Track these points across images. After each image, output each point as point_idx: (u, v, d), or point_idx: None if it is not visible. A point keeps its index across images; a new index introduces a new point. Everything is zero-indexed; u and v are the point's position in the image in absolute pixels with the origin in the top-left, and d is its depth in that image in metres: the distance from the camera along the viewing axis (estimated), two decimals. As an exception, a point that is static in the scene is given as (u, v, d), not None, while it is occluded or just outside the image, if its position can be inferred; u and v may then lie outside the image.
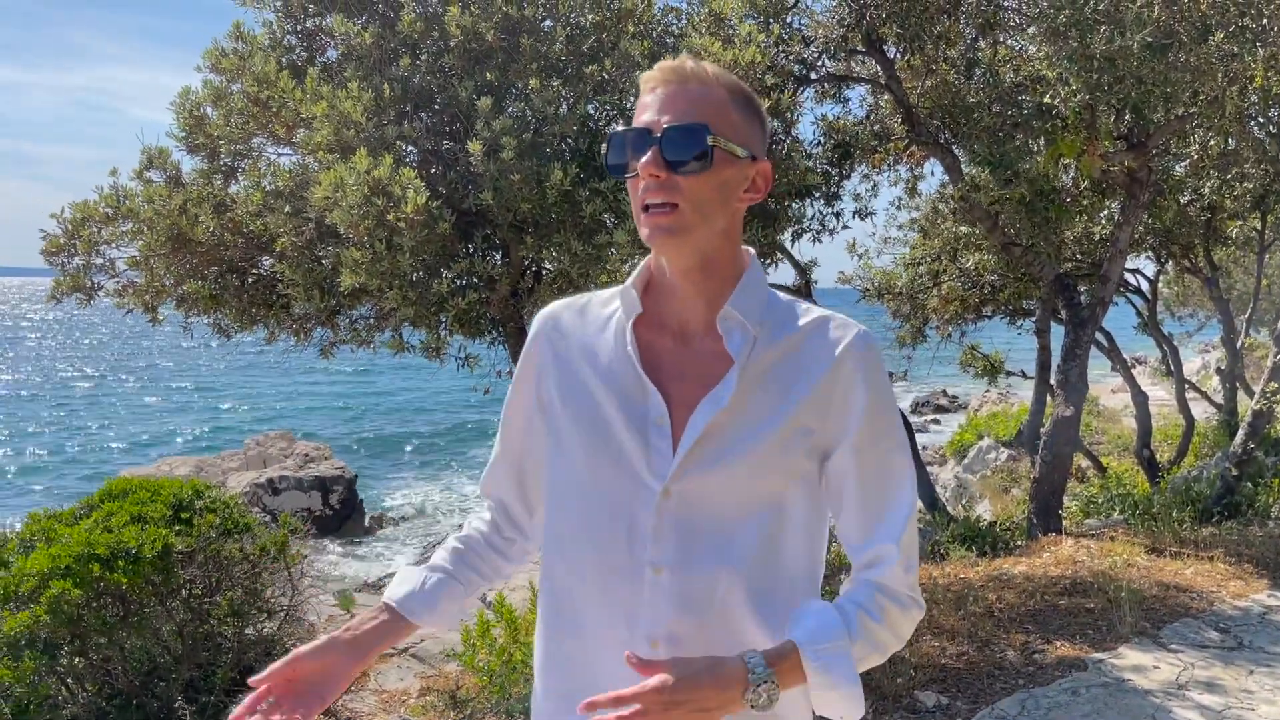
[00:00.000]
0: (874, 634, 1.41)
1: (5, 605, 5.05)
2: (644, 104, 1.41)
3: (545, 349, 1.57)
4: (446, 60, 4.60)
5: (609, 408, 1.47)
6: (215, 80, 4.74)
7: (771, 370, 1.44)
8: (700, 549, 1.41)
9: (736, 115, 1.42)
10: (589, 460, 1.47)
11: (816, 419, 1.43)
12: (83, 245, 4.91)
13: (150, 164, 5.05)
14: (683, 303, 1.47)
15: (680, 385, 1.46)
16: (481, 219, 4.58)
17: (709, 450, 1.41)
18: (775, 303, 1.49)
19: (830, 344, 1.44)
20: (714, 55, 4.55)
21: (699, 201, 1.38)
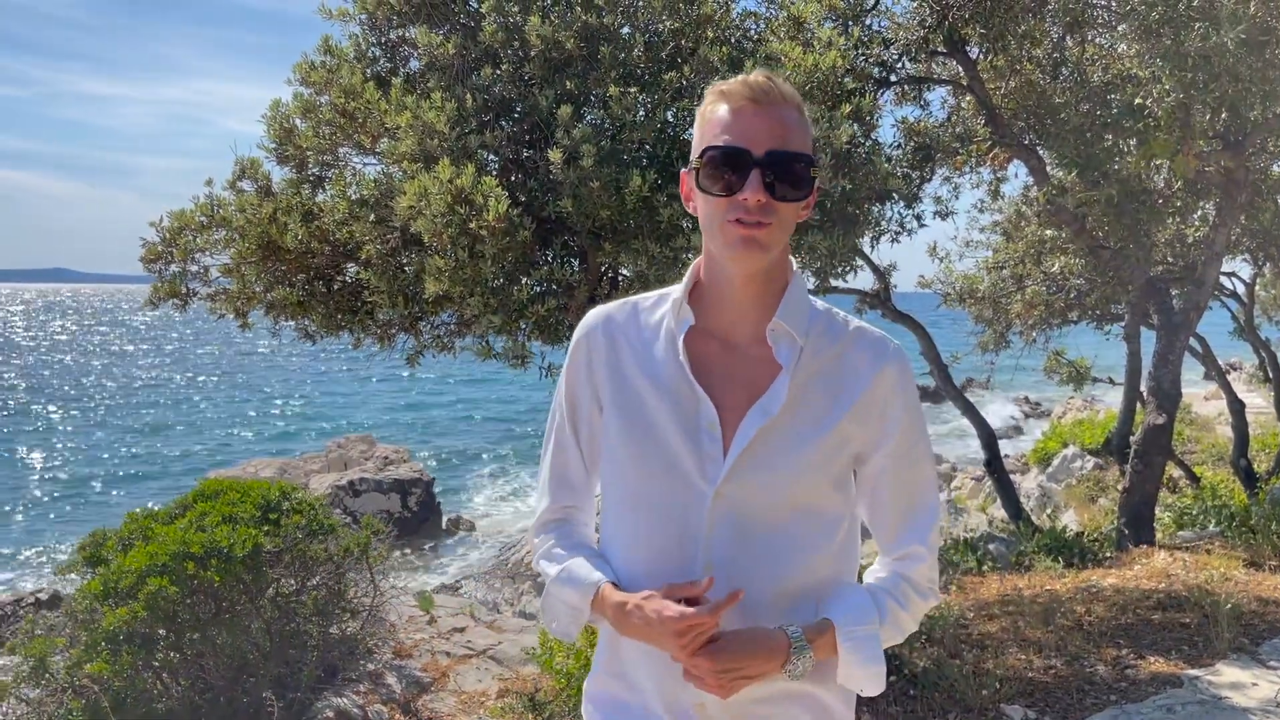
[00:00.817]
0: (899, 619, 1.57)
1: (105, 601, 5.25)
2: (733, 120, 1.46)
3: (595, 355, 1.62)
4: (527, 69, 4.65)
5: (661, 414, 1.53)
6: (305, 93, 4.87)
7: (817, 380, 1.53)
8: (750, 551, 1.50)
9: (810, 137, 1.53)
10: (639, 467, 1.54)
11: (857, 429, 1.53)
12: (179, 253, 5.08)
13: (243, 174, 5.20)
14: (736, 310, 1.55)
15: (728, 391, 1.53)
16: (561, 226, 4.62)
17: (759, 455, 1.49)
18: (815, 313, 1.58)
19: (872, 358, 1.54)
20: (795, 60, 4.53)
21: (786, 222, 1.51)
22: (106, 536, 5.79)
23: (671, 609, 1.43)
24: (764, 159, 1.44)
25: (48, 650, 5.20)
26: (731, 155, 1.45)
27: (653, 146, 4.63)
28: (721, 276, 1.55)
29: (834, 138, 4.19)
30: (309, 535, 6.20)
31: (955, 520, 12.57)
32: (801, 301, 1.56)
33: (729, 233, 1.47)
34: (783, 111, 1.48)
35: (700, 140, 1.52)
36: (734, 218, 1.46)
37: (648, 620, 1.45)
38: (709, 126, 1.50)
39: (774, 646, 1.45)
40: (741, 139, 1.45)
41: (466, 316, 4.64)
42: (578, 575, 1.60)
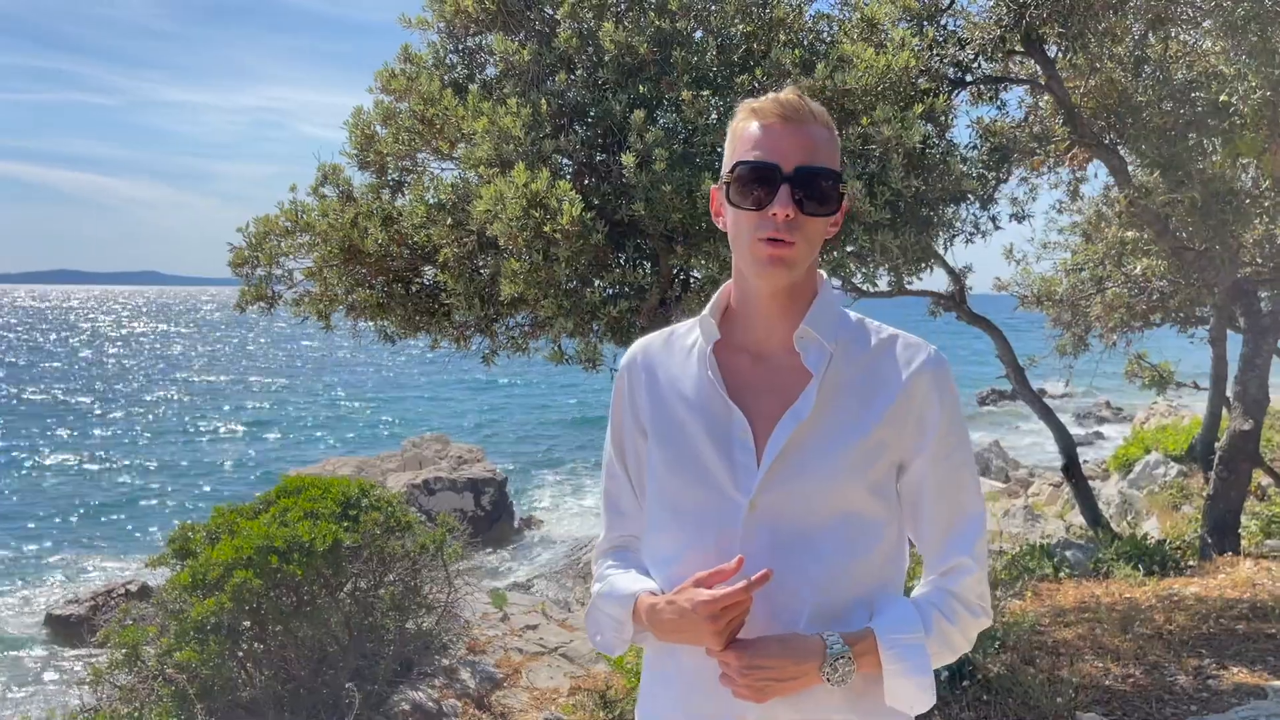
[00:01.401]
0: (947, 634, 1.51)
1: (193, 592, 5.45)
2: (763, 137, 1.48)
3: (634, 387, 1.65)
4: (600, 74, 4.72)
5: (695, 431, 1.54)
6: (385, 100, 5.00)
7: (849, 385, 1.52)
8: (787, 561, 1.48)
9: (838, 154, 1.54)
10: (677, 483, 1.55)
11: (893, 434, 1.51)
12: (265, 257, 5.25)
13: (325, 180, 5.36)
14: (765, 324, 1.56)
15: (762, 402, 1.53)
16: (633, 229, 4.68)
17: (792, 462, 1.49)
18: (847, 321, 1.58)
19: (905, 362, 1.53)
20: (866, 61, 4.52)
21: (813, 238, 1.51)
22: (195, 530, 6.00)
23: (702, 593, 1.43)
24: (793, 174, 1.46)
25: (139, 639, 5.42)
26: (761, 170, 1.47)
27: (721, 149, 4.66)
28: (749, 291, 1.57)
29: (906, 139, 4.18)
30: (386, 532, 6.35)
31: (1032, 527, 12.34)
32: (830, 310, 1.57)
33: (758, 250, 1.49)
34: (812, 129, 1.50)
35: (731, 156, 1.55)
36: (763, 235, 1.48)
37: (681, 612, 1.46)
38: (740, 142, 1.53)
39: (808, 650, 1.44)
40: (771, 154, 1.48)
41: (540, 318, 4.73)
42: (619, 587, 1.62)
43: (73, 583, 14.75)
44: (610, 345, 4.84)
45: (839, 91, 4.44)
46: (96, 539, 17.66)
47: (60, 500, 20.91)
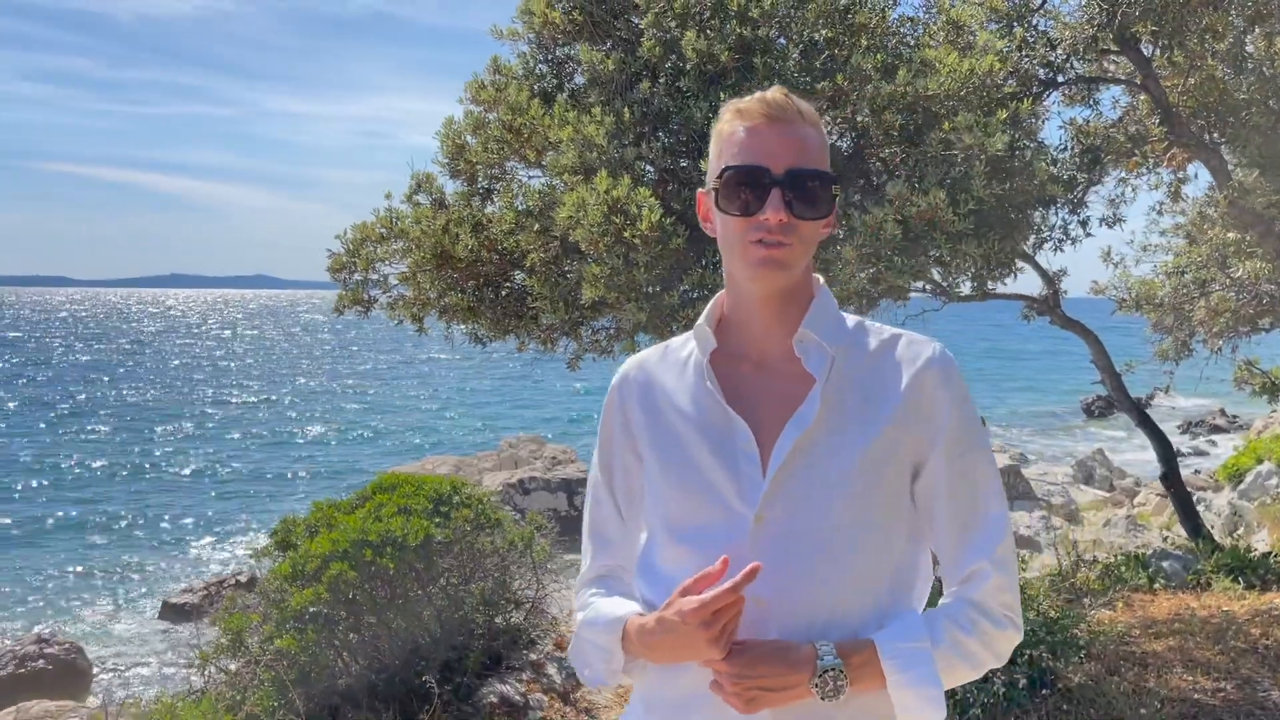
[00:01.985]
0: (962, 644, 1.41)
1: (293, 582, 5.71)
2: (751, 139, 1.43)
3: (627, 405, 1.58)
4: (682, 82, 4.80)
5: (696, 445, 1.47)
6: (475, 110, 5.17)
7: (853, 388, 1.45)
8: (799, 575, 1.41)
9: (828, 155, 1.50)
10: (679, 500, 1.48)
11: (902, 435, 1.44)
12: (361, 263, 5.48)
13: (419, 188, 5.57)
14: (762, 330, 1.50)
15: (764, 411, 1.46)
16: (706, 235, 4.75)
17: (798, 471, 1.42)
18: (846, 324, 1.52)
19: (909, 361, 1.47)
20: (949, 67, 4.51)
21: (808, 241, 1.46)
22: (296, 523, 6.28)
23: (690, 600, 1.35)
24: (783, 178, 1.40)
25: (244, 626, 5.70)
26: (751, 174, 1.41)
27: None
28: (743, 298, 1.51)
29: (988, 145, 4.16)
30: (477, 528, 6.54)
31: (1134, 537, 11.99)
32: (830, 313, 1.51)
33: (750, 254, 1.43)
34: (801, 129, 1.44)
35: (718, 160, 1.49)
36: (754, 238, 1.42)
37: (672, 626, 1.37)
38: (726, 145, 1.47)
39: (798, 658, 1.36)
40: (760, 157, 1.42)
41: (622, 322, 4.83)
42: (604, 613, 1.54)
43: (188, 573, 15.46)
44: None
45: (920, 97, 4.45)
46: (210, 532, 18.45)
47: (174, 494, 21.91)
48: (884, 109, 4.51)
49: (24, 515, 19.19)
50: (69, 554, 16.36)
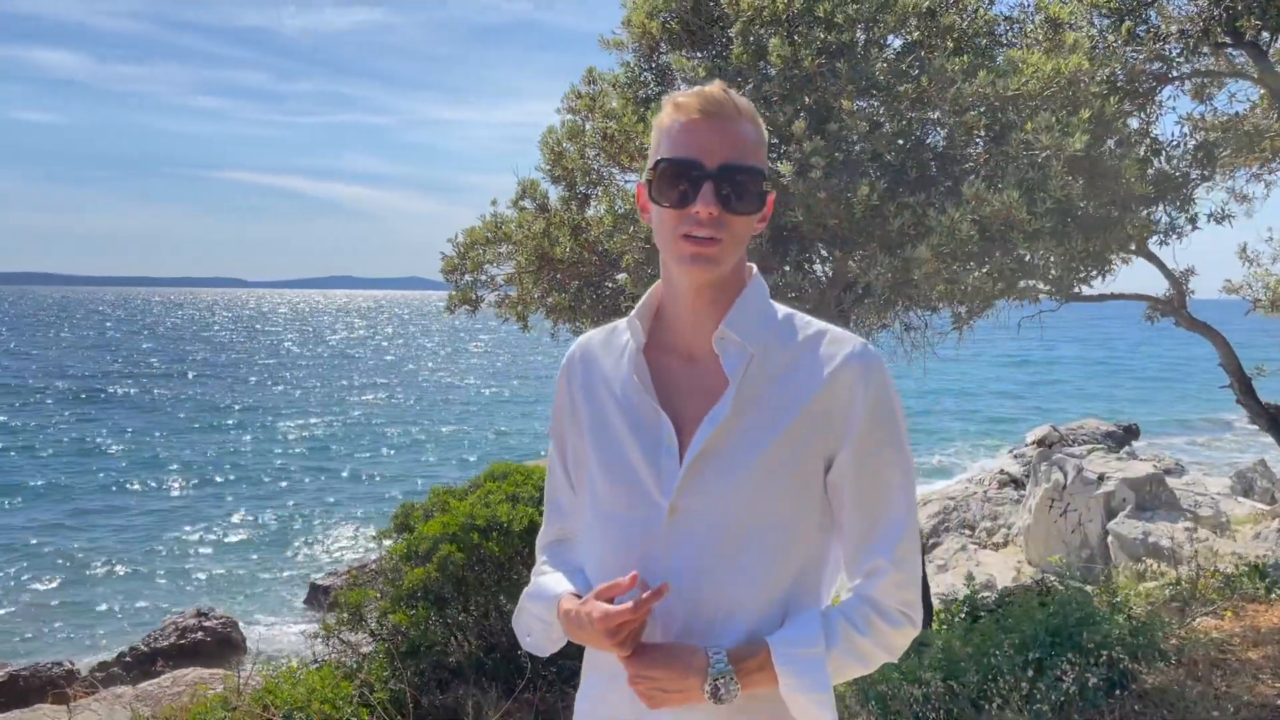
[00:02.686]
0: (856, 645, 1.44)
1: (408, 562, 6.11)
2: (686, 133, 1.45)
3: (571, 386, 1.64)
4: (767, 88, 4.94)
5: (624, 434, 1.53)
6: (571, 119, 5.45)
7: (770, 385, 1.48)
8: (708, 564, 1.46)
9: (765, 151, 1.52)
10: (607, 487, 1.54)
11: (816, 431, 1.46)
12: (471, 265, 5.83)
13: (524, 194, 5.88)
14: (692, 323, 1.52)
15: (690, 405, 1.50)
16: (795, 234, 4.88)
17: (710, 465, 1.46)
18: (771, 319, 1.53)
19: (827, 358, 1.47)
20: (1033, 67, 4.52)
21: (739, 236, 1.48)
22: (414, 508, 6.70)
23: (599, 608, 1.41)
24: (716, 171, 1.42)
25: (363, 600, 6.14)
26: (684, 167, 1.43)
27: (889, 156, 4.77)
28: (676, 290, 1.53)
29: (1066, 146, 4.16)
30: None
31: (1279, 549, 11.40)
32: (754, 309, 1.52)
33: (680, 248, 1.45)
34: (736, 125, 1.45)
35: (654, 151, 1.50)
36: (684, 232, 1.44)
37: (582, 623, 1.45)
38: (663, 138, 1.48)
39: (691, 665, 1.41)
40: (694, 151, 1.43)
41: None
42: (545, 589, 1.60)
43: (334, 558, 16.40)
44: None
45: (1001, 98, 4.47)
46: (354, 519, 19.47)
47: (320, 479, 23.20)
48: (966, 110, 4.55)
49: (194, 501, 20.70)
50: (231, 539, 17.58)
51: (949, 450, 26.15)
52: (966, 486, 19.15)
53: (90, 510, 19.37)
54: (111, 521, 18.59)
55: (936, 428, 30.29)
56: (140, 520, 18.78)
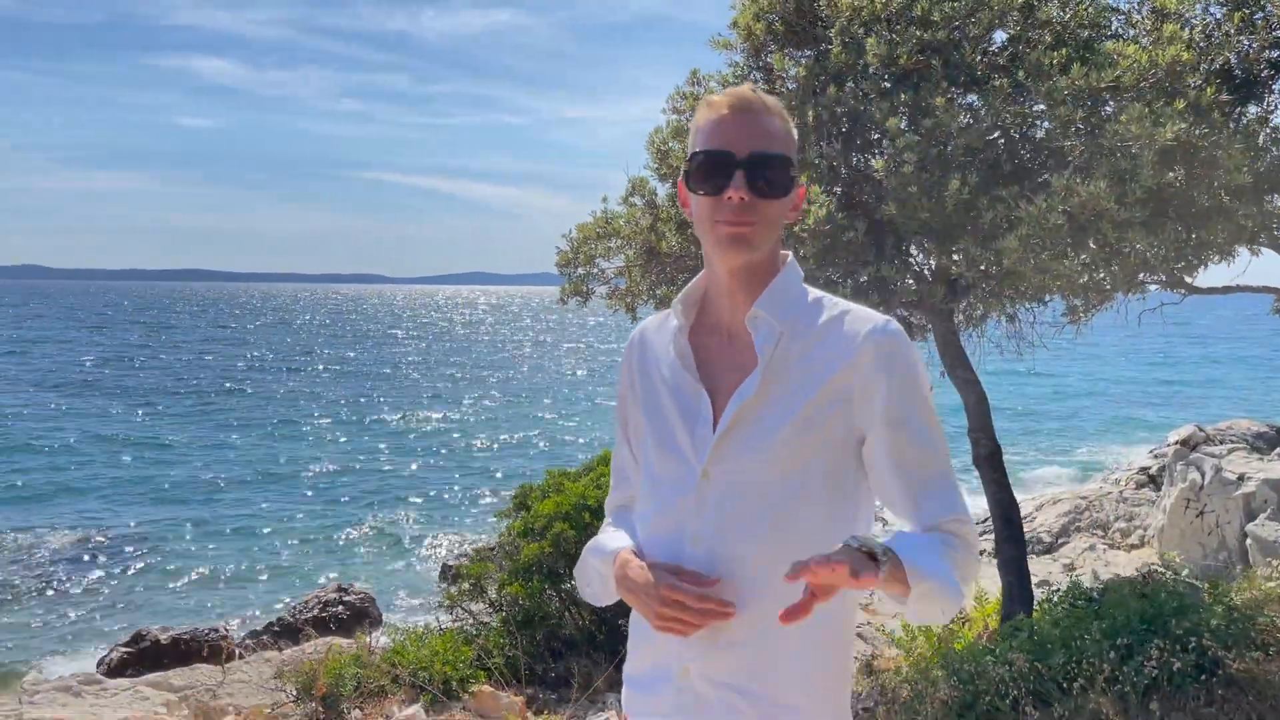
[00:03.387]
0: (955, 559, 1.51)
1: (524, 538, 6.51)
2: (718, 127, 1.60)
3: (631, 365, 1.81)
4: (863, 85, 5.10)
5: (670, 406, 1.69)
6: (676, 119, 5.71)
7: (798, 361, 1.60)
8: (733, 524, 1.59)
9: (794, 143, 1.66)
10: (655, 454, 1.70)
11: (839, 403, 1.57)
12: (583, 258, 6.16)
13: (633, 191, 6.17)
14: (730, 304, 1.67)
15: (725, 379, 1.65)
16: (889, 227, 5.03)
17: (739, 435, 1.60)
18: (802, 300, 1.66)
19: (851, 335, 1.59)
20: (1130, 59, 4.55)
21: (771, 220, 1.61)
22: (532, 488, 7.12)
23: (674, 581, 1.57)
24: (746, 160, 1.56)
25: (483, 573, 6.58)
26: (717, 157, 1.58)
27: (983, 150, 4.87)
28: (716, 274, 1.68)
29: (1157, 135, 4.19)
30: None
31: None
32: (786, 291, 1.65)
33: (718, 231, 1.60)
34: (764, 119, 1.59)
35: (691, 148, 1.65)
36: (721, 217, 1.58)
37: (646, 582, 1.60)
38: (698, 134, 1.63)
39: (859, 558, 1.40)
40: (725, 143, 1.58)
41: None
42: (604, 544, 1.76)
43: (466, 539, 17.13)
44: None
45: (1094, 90, 4.52)
46: (486, 500, 20.22)
47: (454, 466, 24.13)
48: (1060, 103, 4.62)
49: (334, 488, 21.84)
50: (371, 521, 18.52)
51: (1085, 450, 25.36)
52: (1102, 486, 18.59)
53: (235, 499, 20.68)
54: (258, 507, 19.84)
55: (1077, 426, 29.40)
56: (282, 506, 19.97)
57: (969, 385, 6.15)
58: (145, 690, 7.23)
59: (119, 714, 6.39)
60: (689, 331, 1.71)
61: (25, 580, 14.21)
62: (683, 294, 1.74)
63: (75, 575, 14.58)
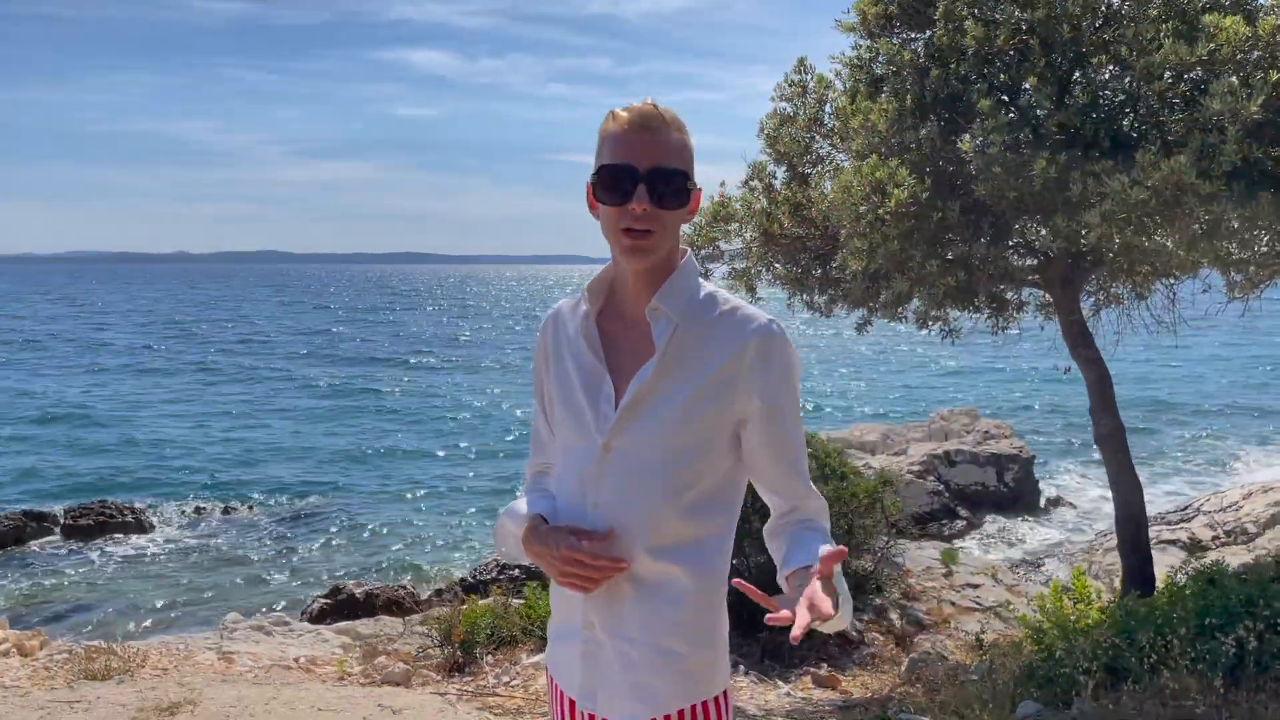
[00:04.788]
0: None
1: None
2: (621, 142, 1.73)
3: (546, 341, 1.96)
4: (960, 68, 5.17)
5: (578, 385, 1.85)
6: (784, 108, 5.94)
7: (690, 351, 1.77)
8: (628, 491, 1.77)
9: (691, 154, 1.80)
10: (566, 428, 1.87)
11: (725, 390, 1.75)
12: (703, 240, 6.48)
13: (753, 175, 6.44)
14: (633, 297, 1.83)
15: (627, 361, 1.82)
16: (985, 207, 5.10)
17: (637, 413, 1.78)
18: (697, 295, 1.81)
19: (737, 332, 1.76)
20: (1228, 33, 4.46)
21: (669, 227, 1.75)
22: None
23: (574, 546, 1.73)
24: (646, 174, 1.70)
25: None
26: (620, 171, 1.71)
27: (1078, 128, 4.87)
28: (621, 270, 1.84)
29: (1243, 111, 4.12)
30: (820, 479, 7.31)
31: None
32: (682, 286, 1.79)
33: (621, 240, 1.75)
34: (664, 134, 1.73)
35: (597, 157, 1.78)
36: (624, 226, 1.72)
37: (545, 546, 1.78)
38: (604, 146, 1.76)
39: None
40: (629, 157, 1.71)
41: (895, 290, 5.35)
42: (518, 509, 1.92)
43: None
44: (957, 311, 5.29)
45: (1186, 64, 4.46)
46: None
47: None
48: (1155, 77, 4.59)
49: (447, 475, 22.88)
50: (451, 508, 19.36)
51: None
52: (1328, 476, 17.32)
53: (428, 465, 22.12)
54: (455, 470, 21.19)
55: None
56: (474, 472, 21.25)
57: (1090, 364, 6.09)
58: (326, 634, 8.13)
59: (302, 652, 7.25)
60: (596, 316, 1.87)
61: (248, 539, 15.89)
62: (591, 282, 1.90)
63: (290, 534, 16.19)
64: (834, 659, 7.04)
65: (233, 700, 4.89)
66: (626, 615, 1.78)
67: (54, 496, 18.15)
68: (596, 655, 1.81)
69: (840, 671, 6.78)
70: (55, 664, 5.77)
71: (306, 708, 4.84)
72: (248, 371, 39.50)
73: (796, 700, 5.84)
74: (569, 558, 1.73)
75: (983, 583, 8.78)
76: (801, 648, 7.33)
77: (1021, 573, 11.49)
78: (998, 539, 16.09)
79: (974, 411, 21.23)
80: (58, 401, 30.11)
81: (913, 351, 46.82)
